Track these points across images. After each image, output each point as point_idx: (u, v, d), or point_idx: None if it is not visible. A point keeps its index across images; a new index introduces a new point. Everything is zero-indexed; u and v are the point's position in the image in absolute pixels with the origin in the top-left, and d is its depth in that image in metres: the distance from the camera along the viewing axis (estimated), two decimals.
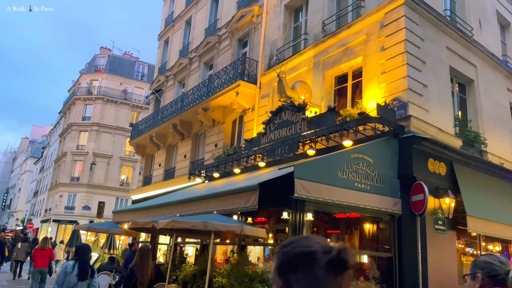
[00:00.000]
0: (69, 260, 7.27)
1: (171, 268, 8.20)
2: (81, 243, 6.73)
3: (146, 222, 7.50)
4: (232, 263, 7.64)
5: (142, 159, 23.03)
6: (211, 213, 7.09)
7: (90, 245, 6.06)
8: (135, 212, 11.67)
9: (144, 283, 5.70)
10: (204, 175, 14.48)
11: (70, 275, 5.06)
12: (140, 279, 5.64)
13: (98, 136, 40.67)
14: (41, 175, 53.40)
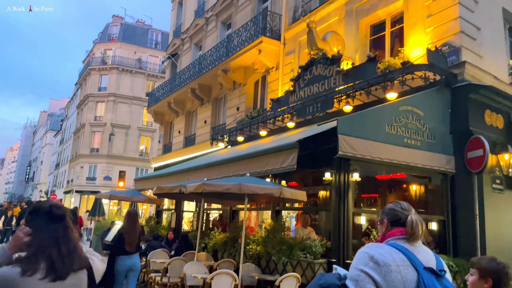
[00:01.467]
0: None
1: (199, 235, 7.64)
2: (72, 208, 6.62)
3: (173, 187, 6.89)
4: (267, 230, 7.00)
5: (161, 127, 22.49)
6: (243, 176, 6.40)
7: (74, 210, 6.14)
8: (158, 179, 11.13)
9: (132, 243, 6.00)
10: (227, 140, 13.80)
11: None
12: (128, 240, 5.91)
13: (115, 106, 40.30)
14: (61, 147, 53.91)
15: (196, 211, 11.09)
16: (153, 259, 7.57)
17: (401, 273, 1.68)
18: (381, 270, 1.68)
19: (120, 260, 5.88)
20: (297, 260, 6.20)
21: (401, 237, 1.83)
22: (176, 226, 11.72)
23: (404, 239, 1.82)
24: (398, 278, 1.67)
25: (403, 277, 1.67)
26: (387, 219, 1.94)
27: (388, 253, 1.73)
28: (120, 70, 40.59)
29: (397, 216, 1.91)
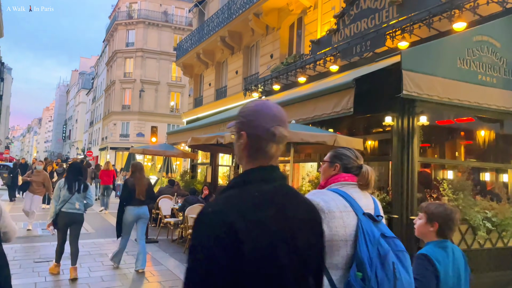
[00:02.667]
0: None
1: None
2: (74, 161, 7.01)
3: (209, 138, 6.26)
4: (315, 183, 6.33)
5: (191, 80, 21.83)
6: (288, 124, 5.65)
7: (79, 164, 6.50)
8: (191, 131, 10.59)
9: (141, 194, 6.10)
10: (261, 90, 12.99)
11: (63, 189, 5.74)
12: (138, 190, 6.03)
13: (144, 62, 39.86)
14: (94, 105, 54.67)
15: (233, 165, 10.57)
16: (190, 215, 7.14)
17: (343, 219, 1.71)
18: (325, 217, 1.69)
19: (129, 210, 6.04)
20: None
21: (347, 183, 1.84)
22: (211, 180, 11.28)
23: (350, 185, 1.84)
24: (340, 224, 1.71)
25: (344, 222, 1.71)
26: (340, 164, 1.92)
27: (332, 200, 1.75)
28: (147, 24, 39.71)
29: (350, 163, 1.91)
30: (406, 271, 1.68)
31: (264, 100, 1.49)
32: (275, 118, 1.34)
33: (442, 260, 2.19)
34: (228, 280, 1.09)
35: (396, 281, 1.61)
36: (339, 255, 1.74)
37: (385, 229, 1.78)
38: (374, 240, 1.69)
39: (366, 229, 1.71)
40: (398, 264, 1.66)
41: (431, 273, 2.13)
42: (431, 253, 2.21)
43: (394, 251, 1.69)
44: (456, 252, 2.30)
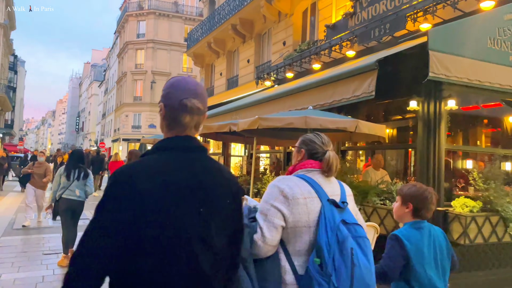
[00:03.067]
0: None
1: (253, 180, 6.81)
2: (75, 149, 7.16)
3: (222, 126, 6.00)
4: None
5: (202, 70, 21.57)
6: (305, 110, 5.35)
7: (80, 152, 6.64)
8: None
9: None
10: (274, 79, 12.66)
11: (62, 176, 5.84)
12: None
13: (155, 53, 39.70)
14: (106, 97, 54.86)
15: (246, 154, 10.30)
16: None
17: (307, 205, 1.71)
18: (289, 203, 1.71)
19: None
20: (372, 207, 5.24)
21: (312, 170, 1.84)
22: None
23: (316, 172, 1.83)
24: (303, 210, 1.71)
25: (308, 208, 1.71)
26: (305, 150, 1.92)
27: (297, 186, 1.75)
28: (157, 15, 39.45)
29: (315, 149, 1.90)
30: (365, 257, 1.66)
31: (184, 76, 1.56)
32: (189, 91, 1.41)
33: (415, 240, 2.17)
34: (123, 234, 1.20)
35: (353, 267, 1.59)
36: (301, 241, 1.73)
37: (348, 216, 1.75)
38: (334, 226, 1.67)
39: (327, 215, 1.70)
40: (358, 250, 1.64)
41: (398, 253, 2.14)
42: (402, 233, 2.21)
43: (355, 237, 1.67)
44: (433, 232, 2.27)
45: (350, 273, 1.58)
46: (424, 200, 2.26)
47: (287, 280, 1.70)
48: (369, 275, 1.64)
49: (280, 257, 1.75)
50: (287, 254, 1.75)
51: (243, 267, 1.64)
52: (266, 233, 1.71)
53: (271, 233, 1.71)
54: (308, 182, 1.78)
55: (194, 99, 1.40)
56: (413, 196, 2.28)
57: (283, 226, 1.72)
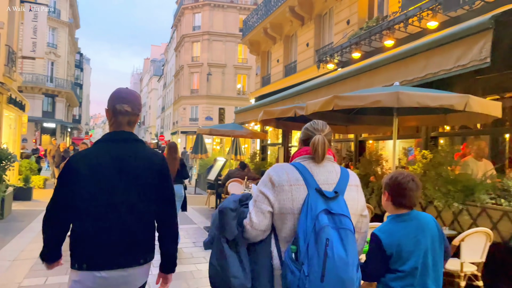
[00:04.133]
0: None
1: None
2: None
3: (285, 110, 5.14)
4: (424, 163, 4.93)
5: (258, 58, 20.79)
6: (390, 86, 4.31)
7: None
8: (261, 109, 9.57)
9: (173, 173, 6.10)
10: (337, 61, 11.55)
11: None
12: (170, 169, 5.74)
13: (210, 45, 39.66)
14: (165, 91, 56.19)
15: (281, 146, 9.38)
16: None
17: (292, 192, 1.72)
18: (275, 190, 1.74)
19: None
20: (481, 207, 4.13)
21: (306, 156, 1.83)
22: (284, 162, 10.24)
23: (309, 159, 1.82)
24: (288, 197, 1.72)
25: (292, 196, 1.72)
26: (300, 138, 1.94)
27: (284, 174, 1.77)
28: (212, 6, 39.30)
29: (307, 135, 1.89)
30: (344, 250, 1.58)
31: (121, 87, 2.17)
32: (120, 98, 2.07)
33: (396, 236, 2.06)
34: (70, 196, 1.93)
35: (326, 258, 1.54)
36: (287, 228, 1.74)
37: (337, 206, 1.69)
38: (314, 214, 1.63)
39: (311, 203, 1.67)
40: (337, 241, 1.58)
41: (376, 254, 2.07)
42: (383, 229, 2.12)
43: (337, 228, 1.61)
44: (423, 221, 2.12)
45: (322, 263, 1.54)
46: (398, 186, 2.12)
47: (275, 265, 1.73)
48: (343, 268, 1.56)
49: (271, 242, 1.78)
50: (276, 240, 1.77)
51: (234, 250, 1.75)
52: (253, 218, 1.75)
53: (258, 218, 1.74)
54: (298, 169, 1.77)
55: (123, 104, 2.05)
56: (388, 184, 2.17)
57: (271, 212, 1.75)
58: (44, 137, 35.86)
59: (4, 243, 6.27)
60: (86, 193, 1.90)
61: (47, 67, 36.60)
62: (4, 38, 11.52)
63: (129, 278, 1.98)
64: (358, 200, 1.81)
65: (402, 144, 9.44)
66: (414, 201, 2.12)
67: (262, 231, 1.75)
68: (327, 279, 1.53)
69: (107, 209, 1.92)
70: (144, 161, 2.02)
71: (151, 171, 2.03)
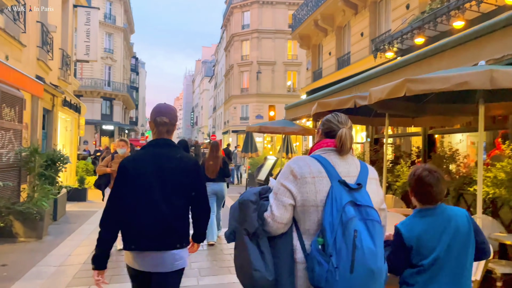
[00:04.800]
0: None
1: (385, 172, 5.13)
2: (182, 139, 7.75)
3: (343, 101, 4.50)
4: None
5: (308, 52, 20.04)
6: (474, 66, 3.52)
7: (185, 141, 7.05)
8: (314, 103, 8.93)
9: (213, 172, 6.37)
10: (396, 49, 10.60)
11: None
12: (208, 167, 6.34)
13: (259, 43, 39.34)
14: (215, 91, 56.80)
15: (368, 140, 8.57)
16: None
17: (315, 184, 1.70)
18: (297, 183, 1.72)
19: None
20: None
21: (328, 149, 1.82)
22: None
23: (332, 151, 1.81)
24: (311, 189, 1.70)
25: (316, 188, 1.70)
26: (322, 130, 1.92)
27: (306, 166, 1.75)
28: (261, 3, 38.93)
29: (331, 128, 1.88)
30: (372, 241, 1.56)
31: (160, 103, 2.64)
32: (159, 112, 2.53)
33: (416, 231, 2.02)
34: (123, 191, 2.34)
35: (354, 250, 1.52)
36: (310, 220, 1.72)
37: (361, 198, 1.67)
38: (339, 206, 1.62)
39: (335, 195, 1.65)
40: (365, 233, 1.56)
41: (398, 247, 2.05)
42: (405, 223, 2.10)
43: (364, 219, 1.60)
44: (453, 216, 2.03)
45: (351, 255, 1.52)
46: (416, 181, 2.10)
47: (298, 258, 1.71)
48: (373, 259, 1.53)
49: (293, 235, 1.76)
50: (298, 233, 1.75)
51: (255, 243, 1.75)
52: (275, 211, 1.74)
53: (280, 211, 1.73)
54: (320, 161, 1.76)
55: (162, 116, 2.50)
56: (409, 180, 2.16)
57: (292, 205, 1.74)
58: (103, 139, 37.41)
59: (53, 246, 6.17)
60: (133, 190, 2.33)
61: (104, 72, 38.17)
62: (58, 42, 11.79)
63: (166, 259, 2.33)
64: (378, 193, 1.81)
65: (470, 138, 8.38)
66: (435, 196, 2.06)
67: (284, 224, 1.74)
68: (357, 270, 1.51)
69: (148, 202, 2.33)
70: (178, 162, 2.42)
71: (184, 171, 2.42)
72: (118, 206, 2.33)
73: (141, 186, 2.32)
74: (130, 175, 2.34)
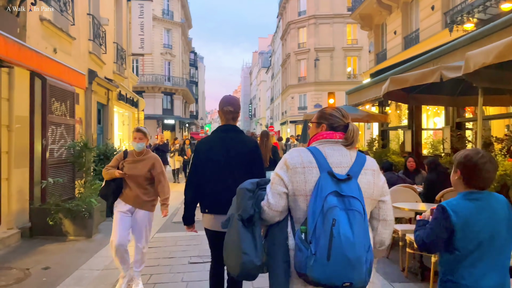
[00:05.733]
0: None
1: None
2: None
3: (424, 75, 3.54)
4: None
5: (370, 33, 18.61)
6: None
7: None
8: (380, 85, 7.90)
9: (264, 160, 6.19)
10: (477, 20, 9.16)
11: None
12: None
13: (317, 29, 37.91)
14: (273, 82, 56.12)
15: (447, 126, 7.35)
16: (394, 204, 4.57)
17: (305, 174, 1.77)
18: (289, 172, 1.80)
19: None
20: None
21: (324, 141, 1.87)
22: (412, 150, 8.26)
23: (328, 143, 1.86)
24: (301, 179, 1.77)
25: (305, 178, 1.77)
26: (327, 124, 1.94)
27: (298, 157, 1.82)
28: None
29: (337, 122, 1.93)
30: (351, 230, 1.59)
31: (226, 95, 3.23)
32: (226, 102, 3.10)
33: (464, 213, 1.97)
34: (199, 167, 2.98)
35: (332, 238, 1.57)
36: (300, 209, 1.79)
37: (347, 188, 1.69)
38: (323, 196, 1.67)
39: (321, 185, 1.70)
40: (344, 222, 1.60)
41: (441, 225, 2.00)
42: (451, 203, 2.03)
43: (345, 209, 1.63)
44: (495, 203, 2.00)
45: (328, 243, 1.56)
46: (473, 167, 2.00)
47: (290, 245, 1.78)
48: (350, 248, 1.56)
49: (288, 223, 1.83)
50: (292, 221, 1.82)
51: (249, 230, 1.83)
52: (270, 199, 1.82)
53: (275, 199, 1.81)
54: (312, 152, 1.81)
55: (228, 106, 3.08)
56: (461, 162, 2.06)
57: (286, 193, 1.81)
58: (165, 133, 38.37)
59: (101, 246, 5.85)
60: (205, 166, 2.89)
61: (164, 67, 38.98)
62: (111, 35, 11.72)
63: None
64: (374, 184, 1.80)
65: None
66: (489, 183, 2.04)
67: (279, 212, 1.82)
68: (333, 258, 1.55)
69: (217, 176, 2.92)
70: (242, 144, 2.97)
71: (246, 151, 2.95)
72: (195, 179, 2.97)
73: (212, 163, 2.85)
74: (202, 153, 2.97)
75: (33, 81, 6.63)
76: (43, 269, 4.80)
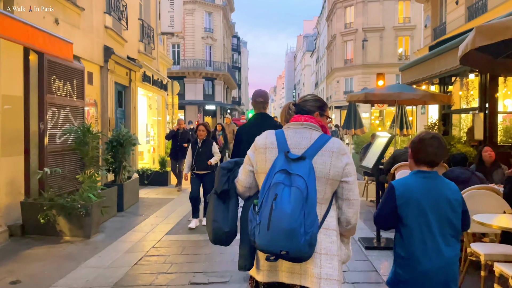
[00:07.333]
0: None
1: None
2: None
3: None
4: None
5: (426, 5, 16.51)
6: None
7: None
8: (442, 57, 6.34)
9: None
10: None
11: None
12: None
13: (365, 7, 35.49)
14: (317, 66, 54.01)
15: None
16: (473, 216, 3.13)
17: (266, 154, 1.91)
18: (255, 152, 1.96)
19: None
20: None
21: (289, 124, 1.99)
22: (484, 138, 6.57)
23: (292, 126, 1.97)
24: (262, 158, 1.92)
25: (266, 157, 1.90)
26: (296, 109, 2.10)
27: (264, 138, 1.97)
28: None
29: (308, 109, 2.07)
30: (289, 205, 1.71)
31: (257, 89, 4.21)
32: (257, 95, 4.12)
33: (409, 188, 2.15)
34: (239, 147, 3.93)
35: (272, 210, 1.69)
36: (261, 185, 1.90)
37: (296, 167, 1.79)
38: (272, 173, 1.79)
39: (274, 163, 1.83)
40: (285, 197, 1.71)
41: (387, 201, 2.21)
42: (399, 181, 2.22)
43: (288, 185, 1.73)
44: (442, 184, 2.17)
45: (268, 214, 1.69)
46: (418, 141, 2.20)
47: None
48: (286, 220, 1.68)
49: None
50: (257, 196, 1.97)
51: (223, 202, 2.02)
52: (240, 176, 2.01)
53: (243, 176, 2.00)
54: (276, 135, 1.95)
55: (259, 97, 4.00)
56: (413, 141, 2.25)
57: (251, 171, 1.97)
58: (206, 119, 37.78)
59: (96, 251, 4.89)
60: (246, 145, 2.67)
61: (205, 52, 38.19)
62: (135, 11, 10.78)
63: None
64: (331, 164, 1.84)
65: None
66: (433, 158, 2.16)
67: (247, 188, 1.99)
68: (272, 228, 1.67)
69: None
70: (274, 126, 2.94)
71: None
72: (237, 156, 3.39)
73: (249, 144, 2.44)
74: (245, 135, 3.74)
75: (27, 56, 5.74)
76: (10, 283, 3.87)
